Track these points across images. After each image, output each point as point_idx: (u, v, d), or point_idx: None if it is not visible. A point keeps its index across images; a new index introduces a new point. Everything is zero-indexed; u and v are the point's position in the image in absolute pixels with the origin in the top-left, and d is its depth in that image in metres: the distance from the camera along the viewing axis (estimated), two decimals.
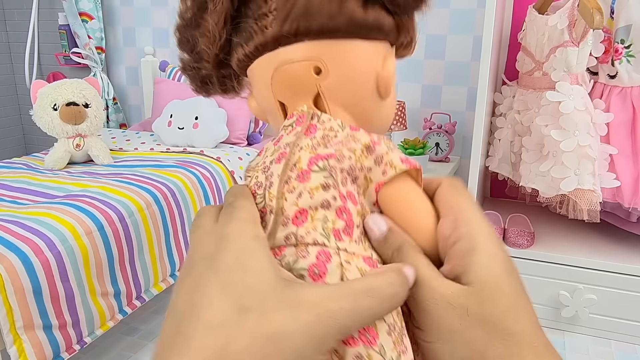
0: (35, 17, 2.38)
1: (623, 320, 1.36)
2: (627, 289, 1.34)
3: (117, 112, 2.33)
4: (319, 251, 0.30)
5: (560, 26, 1.30)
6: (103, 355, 1.31)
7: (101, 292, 1.14)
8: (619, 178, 1.29)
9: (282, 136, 0.33)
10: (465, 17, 1.72)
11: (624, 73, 1.31)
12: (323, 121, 0.33)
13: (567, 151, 1.25)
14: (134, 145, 1.79)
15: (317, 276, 0.30)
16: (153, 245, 1.29)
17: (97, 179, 1.40)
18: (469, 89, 1.79)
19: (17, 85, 2.64)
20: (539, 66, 1.42)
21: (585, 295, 1.36)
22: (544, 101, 1.32)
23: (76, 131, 1.55)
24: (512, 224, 1.52)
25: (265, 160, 0.33)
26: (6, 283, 0.94)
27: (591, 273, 1.35)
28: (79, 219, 1.13)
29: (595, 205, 1.26)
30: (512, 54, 1.66)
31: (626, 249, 1.41)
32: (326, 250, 0.30)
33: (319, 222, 0.30)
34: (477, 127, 1.39)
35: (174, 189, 1.38)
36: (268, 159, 0.33)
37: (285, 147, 0.32)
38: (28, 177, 1.44)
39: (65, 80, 1.58)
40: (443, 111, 1.82)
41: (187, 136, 1.73)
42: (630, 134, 1.31)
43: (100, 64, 2.26)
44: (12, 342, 0.96)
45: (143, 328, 1.44)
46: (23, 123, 2.69)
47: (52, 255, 1.03)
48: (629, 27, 1.28)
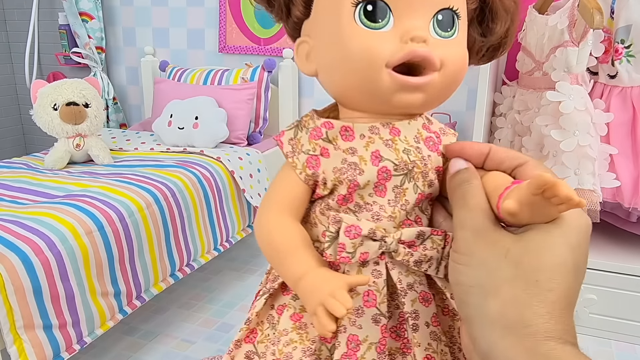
0: (35, 16, 2.38)
1: (623, 320, 1.37)
2: (627, 289, 1.34)
3: (117, 112, 2.33)
4: None
5: (560, 26, 1.30)
6: (103, 355, 1.31)
7: (101, 291, 1.14)
8: (619, 178, 1.29)
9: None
10: None
11: (624, 73, 1.31)
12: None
13: (567, 151, 1.25)
14: (134, 145, 1.79)
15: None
16: (153, 245, 1.29)
17: (97, 178, 1.40)
18: (469, 88, 1.79)
19: (17, 85, 2.64)
20: (539, 66, 1.42)
21: (585, 295, 1.36)
22: (544, 101, 1.32)
23: (76, 131, 1.55)
24: None
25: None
26: (6, 283, 0.94)
27: (591, 273, 1.35)
28: (79, 218, 1.13)
29: (595, 205, 1.26)
30: (512, 54, 1.66)
31: (626, 249, 1.41)
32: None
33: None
34: (477, 127, 1.39)
35: (174, 188, 1.38)
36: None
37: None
38: (28, 177, 1.44)
39: (66, 80, 1.59)
40: (443, 111, 1.82)
41: (187, 136, 1.73)
42: (630, 134, 1.31)
43: (101, 63, 2.26)
44: (12, 341, 0.96)
45: (143, 328, 1.44)
46: (23, 123, 2.69)
47: (52, 255, 1.03)
48: (629, 27, 1.28)
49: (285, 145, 0.48)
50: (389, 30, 0.42)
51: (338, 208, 0.46)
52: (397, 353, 0.46)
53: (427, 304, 0.46)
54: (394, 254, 0.45)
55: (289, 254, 0.46)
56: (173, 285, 1.46)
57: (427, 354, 0.44)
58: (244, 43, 2.09)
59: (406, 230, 0.45)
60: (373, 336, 0.45)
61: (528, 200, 0.35)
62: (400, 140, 0.46)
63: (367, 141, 0.45)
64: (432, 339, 0.45)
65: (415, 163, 0.45)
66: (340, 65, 0.44)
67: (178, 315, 1.50)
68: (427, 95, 0.45)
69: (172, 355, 1.31)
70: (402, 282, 0.45)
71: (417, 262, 0.45)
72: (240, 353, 0.50)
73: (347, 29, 0.43)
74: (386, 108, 0.45)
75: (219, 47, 2.14)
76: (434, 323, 0.46)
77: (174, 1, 2.19)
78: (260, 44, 2.06)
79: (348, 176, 0.45)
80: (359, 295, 0.45)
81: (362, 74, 0.43)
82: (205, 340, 1.38)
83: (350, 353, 0.44)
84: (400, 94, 0.43)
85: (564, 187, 0.34)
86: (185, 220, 1.40)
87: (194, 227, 1.44)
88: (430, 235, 0.45)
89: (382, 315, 0.45)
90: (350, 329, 0.45)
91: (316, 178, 0.46)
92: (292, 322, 0.47)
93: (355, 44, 0.42)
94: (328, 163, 0.46)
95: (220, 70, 1.98)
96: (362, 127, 0.46)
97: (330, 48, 0.45)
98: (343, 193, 0.45)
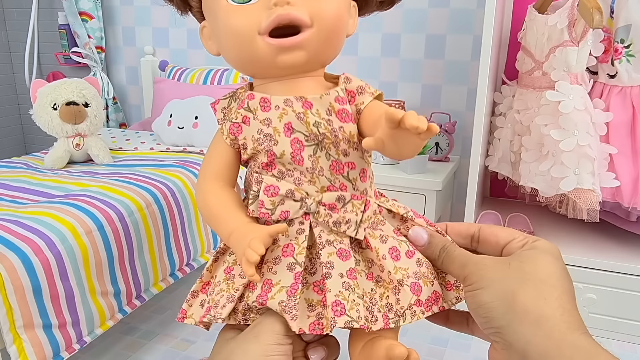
0: (35, 16, 2.38)
1: (623, 320, 1.37)
2: (627, 289, 1.34)
3: (117, 112, 2.33)
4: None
5: (560, 26, 1.30)
6: (103, 354, 1.31)
7: (101, 291, 1.14)
8: (618, 178, 1.29)
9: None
10: (465, 17, 1.72)
11: (623, 73, 1.31)
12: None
13: (567, 151, 1.25)
14: (133, 145, 1.79)
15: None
16: (153, 244, 1.29)
17: (97, 178, 1.40)
18: (468, 88, 1.79)
19: (16, 84, 2.64)
20: (539, 66, 1.42)
21: (585, 295, 1.36)
22: (544, 101, 1.32)
23: (76, 131, 1.55)
24: (512, 224, 1.52)
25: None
26: (6, 282, 0.94)
27: (591, 273, 1.35)
28: (78, 218, 1.13)
29: (594, 205, 1.26)
30: (512, 54, 1.66)
31: (626, 249, 1.41)
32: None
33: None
34: (477, 127, 1.39)
35: (173, 188, 1.38)
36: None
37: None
38: (28, 177, 1.44)
39: (65, 80, 1.58)
40: (443, 111, 1.82)
41: (187, 136, 1.73)
42: (630, 133, 1.31)
43: (100, 63, 2.26)
44: (11, 341, 0.96)
45: (143, 327, 1.44)
46: (23, 123, 2.69)
47: (52, 255, 1.03)
48: (629, 27, 1.28)
49: (217, 112, 0.55)
50: (257, 1, 0.48)
51: (265, 173, 0.51)
52: (318, 305, 0.50)
53: (344, 259, 0.50)
54: (316, 215, 0.50)
55: (222, 214, 0.52)
56: (173, 285, 1.46)
57: (337, 299, 0.48)
58: None
59: (327, 194, 0.50)
60: (285, 281, 0.49)
61: (387, 133, 0.42)
62: (311, 113, 0.50)
63: (282, 112, 0.50)
64: (344, 288, 0.49)
65: (324, 135, 0.50)
66: (226, 42, 0.50)
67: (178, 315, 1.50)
68: (308, 51, 0.49)
69: (171, 354, 1.31)
70: (321, 238, 0.51)
71: (335, 222, 0.50)
72: (196, 302, 0.56)
73: (222, 8, 0.49)
74: (276, 71, 0.50)
75: None
76: (349, 276, 0.49)
77: None
78: None
79: (265, 147, 0.50)
80: (280, 247, 0.51)
81: (241, 46, 0.49)
82: (205, 340, 1.38)
83: (263, 294, 0.49)
84: (281, 56, 0.48)
85: (411, 117, 0.40)
86: (185, 219, 1.40)
87: (194, 226, 1.44)
88: (350, 200, 0.51)
89: (297, 264, 0.49)
90: (267, 275, 0.50)
91: (238, 142, 0.52)
92: (225, 274, 0.53)
93: (230, 21, 0.48)
94: (248, 130, 0.51)
95: (220, 70, 1.98)
96: (278, 99, 0.51)
97: (217, 29, 0.51)
98: (265, 161, 0.51)
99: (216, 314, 0.50)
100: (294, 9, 0.47)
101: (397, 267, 0.51)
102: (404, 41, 1.84)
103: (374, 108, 0.52)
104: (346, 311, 0.47)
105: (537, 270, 0.43)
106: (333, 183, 0.52)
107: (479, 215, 1.55)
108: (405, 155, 0.46)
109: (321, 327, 0.48)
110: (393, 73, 1.88)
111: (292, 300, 0.48)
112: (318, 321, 0.48)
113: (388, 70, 1.88)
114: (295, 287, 0.48)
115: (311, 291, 0.51)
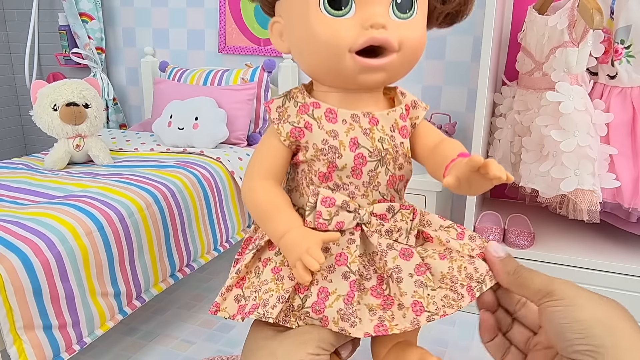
0: (35, 17, 2.39)
1: None
2: (627, 289, 1.34)
3: (117, 113, 2.33)
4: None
5: (560, 26, 1.30)
6: (103, 355, 1.31)
7: (101, 292, 1.14)
8: (618, 178, 1.29)
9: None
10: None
11: (623, 73, 1.31)
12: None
13: (567, 151, 1.25)
14: (133, 146, 1.79)
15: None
16: (153, 245, 1.29)
17: (97, 179, 1.40)
18: (469, 89, 1.79)
19: (17, 85, 2.64)
20: (539, 66, 1.42)
21: None
22: (544, 101, 1.32)
23: (76, 131, 1.55)
24: (512, 224, 1.52)
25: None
26: (6, 283, 0.94)
27: (591, 273, 1.35)
28: (79, 219, 1.13)
29: (595, 206, 1.26)
30: (512, 55, 1.66)
31: (626, 249, 1.41)
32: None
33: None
34: (477, 128, 1.39)
35: (174, 189, 1.38)
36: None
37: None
38: (28, 178, 1.44)
39: (66, 81, 1.58)
40: (443, 111, 1.82)
41: (187, 136, 1.73)
42: (630, 134, 1.31)
43: (100, 64, 2.26)
44: (12, 342, 0.96)
45: (143, 328, 1.44)
46: (23, 123, 2.69)
47: (52, 256, 1.03)
48: (629, 28, 1.28)
49: (273, 111, 0.55)
50: (351, 17, 0.48)
51: (319, 184, 0.53)
52: (378, 309, 0.52)
53: (408, 259, 0.52)
54: (368, 225, 0.52)
55: (274, 214, 0.53)
56: (173, 286, 1.46)
57: (414, 299, 0.50)
58: (243, 43, 2.09)
59: (378, 205, 0.53)
60: (342, 289, 0.51)
61: (465, 175, 0.44)
62: (377, 129, 0.53)
63: (349, 127, 0.52)
64: (417, 287, 0.51)
65: (387, 150, 0.53)
66: (308, 48, 0.50)
67: (178, 315, 1.50)
68: (388, 73, 0.51)
69: (172, 355, 1.31)
70: (381, 244, 0.52)
71: (388, 231, 0.53)
72: (230, 296, 0.57)
73: (312, 16, 0.48)
74: (352, 86, 0.52)
75: (219, 48, 2.14)
76: (418, 273, 0.51)
77: (174, 2, 2.19)
78: (260, 44, 2.06)
79: (328, 158, 0.52)
80: (332, 255, 0.52)
81: (328, 58, 0.49)
82: (205, 340, 1.38)
83: (320, 302, 0.50)
84: (363, 75, 0.50)
85: (494, 167, 0.43)
86: (185, 220, 1.40)
87: (194, 227, 1.44)
88: (399, 210, 0.53)
89: (351, 273, 0.51)
90: (322, 282, 0.51)
91: (299, 144, 0.53)
92: (272, 274, 0.54)
93: (321, 31, 0.48)
94: (311, 136, 0.52)
95: (220, 71, 1.98)
96: (345, 112, 0.52)
97: (299, 32, 0.50)
98: (323, 171, 0.52)
99: (266, 312, 0.51)
100: (388, 33, 0.48)
101: (461, 244, 0.54)
102: None
103: (428, 130, 0.56)
104: (425, 308, 0.50)
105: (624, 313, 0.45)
106: (384, 196, 0.54)
107: (479, 216, 1.55)
108: (473, 194, 0.48)
109: (385, 328, 0.50)
110: None
111: (350, 307, 0.50)
112: (381, 324, 0.50)
113: None
114: (352, 295, 0.50)
115: (370, 296, 0.52)
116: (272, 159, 0.55)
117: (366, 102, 0.54)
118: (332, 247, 0.52)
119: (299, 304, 0.52)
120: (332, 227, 0.51)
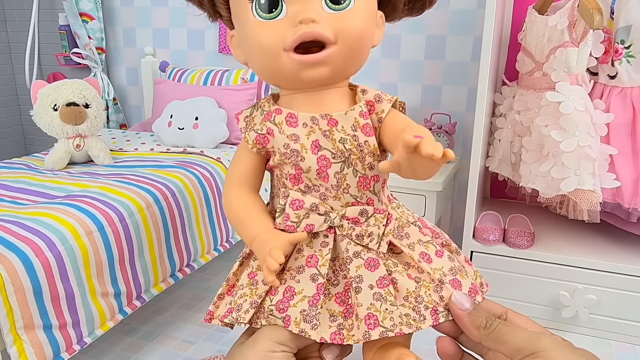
0: (36, 17, 2.39)
1: (623, 320, 1.36)
2: (627, 289, 1.34)
3: (117, 113, 2.34)
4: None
5: (560, 27, 1.30)
6: (103, 355, 1.31)
7: (101, 292, 1.14)
8: (619, 178, 1.29)
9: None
10: (465, 18, 1.72)
11: (623, 73, 1.31)
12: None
13: (567, 151, 1.25)
14: (134, 146, 1.79)
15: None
16: (153, 245, 1.29)
17: (97, 179, 1.40)
18: (469, 89, 1.79)
19: (17, 85, 2.64)
20: (539, 66, 1.42)
21: (585, 296, 1.36)
22: (544, 101, 1.32)
23: (76, 131, 1.55)
24: (512, 225, 1.52)
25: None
26: (6, 283, 0.94)
27: (591, 273, 1.35)
28: (79, 219, 1.13)
29: (595, 206, 1.26)
30: (512, 54, 1.66)
31: (626, 250, 1.41)
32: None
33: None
34: (477, 128, 1.39)
35: (174, 189, 1.38)
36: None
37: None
38: (28, 178, 1.44)
39: (66, 81, 1.58)
40: (443, 111, 1.82)
41: (187, 136, 1.73)
42: (630, 134, 1.31)
43: (101, 64, 2.26)
44: (12, 342, 0.96)
45: (143, 328, 1.44)
46: (23, 123, 2.69)
47: (52, 256, 1.03)
48: (629, 28, 1.28)
49: (241, 121, 0.57)
50: (284, 17, 0.49)
51: (292, 187, 0.54)
52: (339, 316, 0.52)
53: (372, 269, 0.52)
54: (340, 228, 0.52)
55: (246, 219, 0.55)
56: (173, 286, 1.46)
57: (370, 312, 0.50)
58: None
59: (350, 209, 0.52)
60: (308, 291, 0.51)
61: (403, 157, 0.43)
62: (337, 130, 0.52)
63: (309, 130, 0.52)
64: (375, 300, 0.50)
65: (351, 151, 0.52)
66: (253, 55, 0.52)
67: (178, 315, 1.50)
68: (332, 67, 0.50)
69: (172, 355, 1.31)
70: (348, 251, 0.52)
71: (358, 236, 0.52)
72: (222, 303, 0.58)
73: (250, 23, 0.50)
74: (301, 85, 0.52)
75: (219, 48, 2.14)
76: (380, 285, 0.51)
77: (174, 1, 2.19)
78: None
79: (292, 161, 0.52)
80: (304, 257, 0.53)
81: (267, 60, 0.50)
82: (206, 340, 1.38)
83: (285, 300, 0.51)
84: (304, 72, 0.50)
85: (426, 144, 0.41)
86: (186, 220, 1.40)
87: (194, 227, 1.44)
88: (373, 214, 0.53)
89: (320, 276, 0.51)
90: (289, 282, 0.53)
91: (268, 150, 0.55)
92: (248, 279, 0.55)
93: (257, 36, 0.50)
94: (274, 141, 0.54)
95: (220, 71, 1.98)
96: (305, 116, 0.53)
97: (245, 41, 0.53)
98: (292, 172, 0.53)
99: (239, 317, 0.52)
100: (318, 26, 0.48)
101: (433, 269, 0.53)
102: (404, 42, 1.84)
103: (395, 120, 0.54)
104: (380, 322, 0.49)
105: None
106: (359, 199, 0.53)
107: (479, 216, 1.55)
108: (421, 177, 0.47)
109: (342, 337, 0.50)
110: (393, 74, 1.88)
111: (314, 309, 0.50)
112: (339, 331, 0.50)
113: (388, 71, 1.88)
114: (317, 298, 0.50)
115: (333, 302, 0.52)
116: (244, 167, 0.57)
117: (330, 101, 0.53)
118: (305, 249, 0.53)
119: (269, 304, 0.52)
120: (301, 229, 0.52)
